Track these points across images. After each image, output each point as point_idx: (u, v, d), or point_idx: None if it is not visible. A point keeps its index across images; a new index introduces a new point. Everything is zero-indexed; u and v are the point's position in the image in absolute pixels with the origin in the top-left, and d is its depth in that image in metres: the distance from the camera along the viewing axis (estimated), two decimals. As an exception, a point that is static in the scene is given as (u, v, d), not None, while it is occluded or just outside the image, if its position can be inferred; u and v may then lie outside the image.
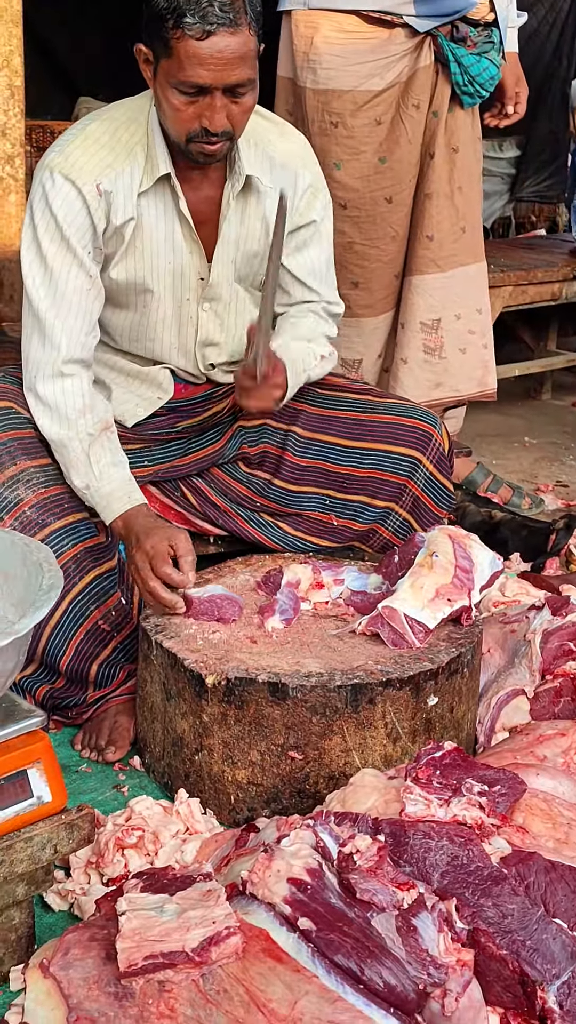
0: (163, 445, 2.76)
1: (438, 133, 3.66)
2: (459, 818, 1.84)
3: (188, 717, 2.28)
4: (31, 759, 1.78)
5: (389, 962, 1.61)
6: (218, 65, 2.23)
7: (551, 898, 1.78)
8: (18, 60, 4.27)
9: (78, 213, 2.41)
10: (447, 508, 2.92)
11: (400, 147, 3.63)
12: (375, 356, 3.85)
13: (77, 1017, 1.57)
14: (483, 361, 3.91)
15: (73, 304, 2.46)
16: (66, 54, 7.75)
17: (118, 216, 2.44)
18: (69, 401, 2.48)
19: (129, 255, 2.50)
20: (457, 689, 2.34)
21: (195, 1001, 1.58)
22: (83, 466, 2.47)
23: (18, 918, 1.85)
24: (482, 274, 3.89)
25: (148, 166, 2.43)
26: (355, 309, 3.76)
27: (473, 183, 3.80)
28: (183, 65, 2.24)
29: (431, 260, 3.74)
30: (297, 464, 2.81)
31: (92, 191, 2.40)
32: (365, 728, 2.22)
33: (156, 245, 2.50)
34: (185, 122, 2.32)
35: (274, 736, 2.21)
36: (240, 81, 2.27)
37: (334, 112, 3.59)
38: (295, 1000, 1.57)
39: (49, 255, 2.43)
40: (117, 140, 2.43)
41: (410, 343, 3.79)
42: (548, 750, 2.18)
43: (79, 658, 2.51)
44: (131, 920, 1.65)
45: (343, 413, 2.81)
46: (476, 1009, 1.64)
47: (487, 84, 3.68)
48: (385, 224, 3.70)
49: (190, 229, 2.51)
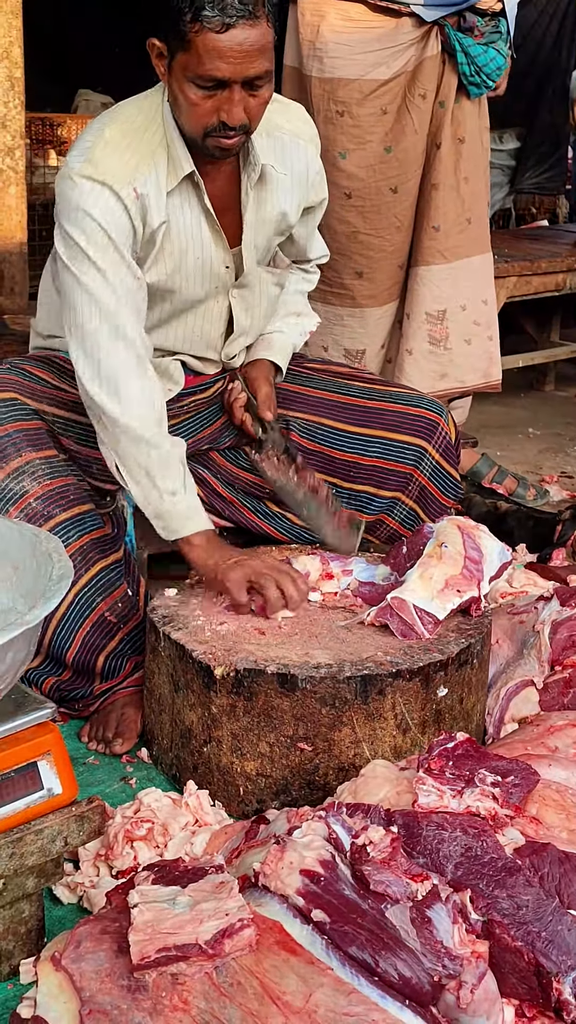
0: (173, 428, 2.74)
1: (445, 123, 3.64)
2: (472, 809, 1.83)
3: (196, 709, 2.27)
4: (41, 751, 1.77)
5: (404, 954, 1.60)
6: (237, 58, 2.20)
7: (566, 889, 1.77)
8: (18, 51, 4.25)
9: (119, 217, 2.35)
10: (454, 498, 2.90)
11: (406, 137, 3.61)
12: (378, 346, 3.84)
13: (90, 1010, 1.55)
14: (488, 352, 3.90)
15: (133, 303, 2.41)
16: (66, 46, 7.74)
17: (153, 219, 2.40)
18: (154, 405, 2.41)
19: (161, 257, 2.47)
20: (467, 680, 2.33)
21: (209, 994, 1.56)
22: (176, 470, 2.42)
23: (28, 911, 1.84)
24: (488, 265, 3.88)
25: (171, 166, 2.40)
26: (359, 299, 3.74)
27: (479, 174, 3.79)
28: (202, 59, 2.21)
29: (437, 251, 3.73)
30: (303, 447, 2.79)
31: (130, 194, 2.35)
32: (375, 719, 2.20)
33: (185, 243, 2.48)
34: (203, 116, 2.29)
35: (283, 727, 2.20)
36: (259, 73, 2.25)
37: (340, 101, 3.58)
38: (309, 992, 1.55)
39: (100, 261, 2.35)
40: (139, 143, 2.39)
41: (416, 334, 3.78)
42: (559, 741, 2.17)
43: (85, 650, 2.50)
44: (143, 913, 1.64)
45: (349, 399, 2.81)
46: (491, 1001, 1.63)
47: (494, 75, 3.67)
48: (390, 214, 3.68)
49: (214, 222, 2.49)
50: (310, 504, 2.70)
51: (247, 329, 2.71)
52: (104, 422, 2.40)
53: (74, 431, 2.57)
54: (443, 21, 3.55)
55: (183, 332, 2.62)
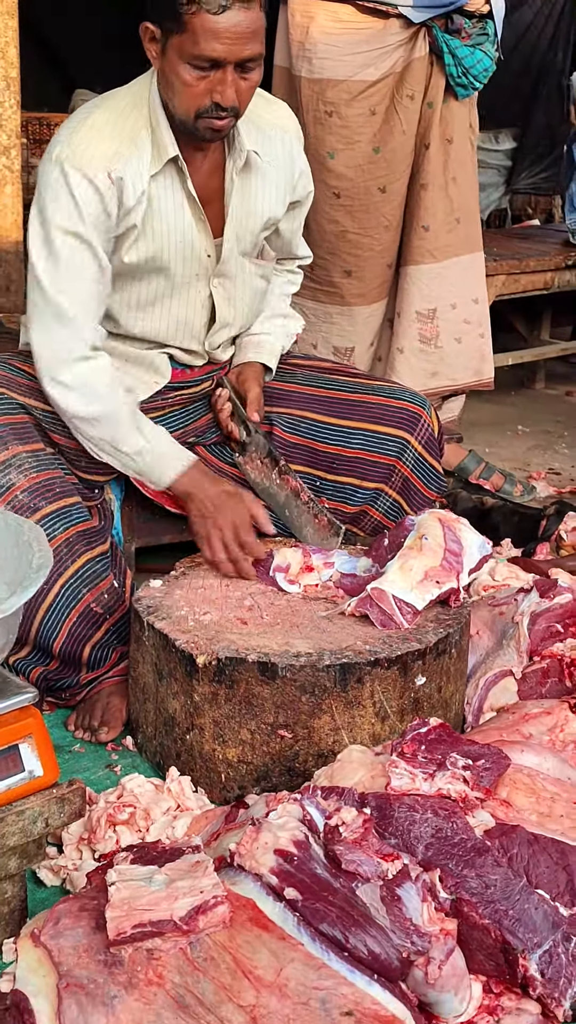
0: (159, 420, 2.78)
1: (433, 124, 3.69)
2: (443, 792, 1.88)
3: (179, 697, 2.31)
4: (23, 734, 1.81)
5: (373, 931, 1.64)
6: (232, 39, 2.28)
7: (534, 869, 1.82)
8: (13, 51, 4.28)
9: (91, 203, 2.42)
10: (437, 491, 2.94)
11: (394, 137, 3.66)
12: (367, 344, 3.88)
13: (67, 984, 1.60)
14: (479, 350, 3.94)
15: (91, 291, 2.48)
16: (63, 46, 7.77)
17: (130, 200, 2.46)
18: (100, 378, 2.51)
19: (142, 238, 2.52)
20: (445, 669, 2.37)
21: (183, 968, 1.61)
22: (130, 432, 2.53)
23: (11, 891, 1.88)
24: (478, 264, 3.92)
25: (155, 150, 2.46)
26: (348, 298, 3.79)
27: (468, 174, 3.83)
28: (198, 40, 2.28)
29: (426, 250, 3.78)
30: (286, 441, 2.83)
31: (104, 180, 2.42)
32: (354, 707, 2.25)
33: (167, 226, 2.53)
34: (196, 97, 2.36)
35: (264, 715, 2.24)
36: (252, 56, 2.33)
37: (328, 102, 3.62)
38: (281, 967, 1.60)
39: (63, 246, 2.43)
40: (122, 127, 2.45)
41: (406, 332, 3.82)
42: (534, 728, 2.22)
43: (72, 640, 2.54)
44: (120, 890, 1.68)
45: (332, 393, 2.85)
46: (459, 977, 1.68)
47: (481, 76, 3.71)
48: (378, 214, 3.72)
49: (197, 208, 2.55)
50: (291, 506, 2.76)
51: (230, 320, 2.75)
52: (60, 412, 2.54)
53: (62, 425, 2.61)
54: (431, 23, 3.59)
55: (166, 320, 2.67)
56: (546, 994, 1.70)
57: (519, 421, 5.18)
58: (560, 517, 3.51)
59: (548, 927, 1.73)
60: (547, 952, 1.72)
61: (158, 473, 2.58)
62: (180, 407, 2.83)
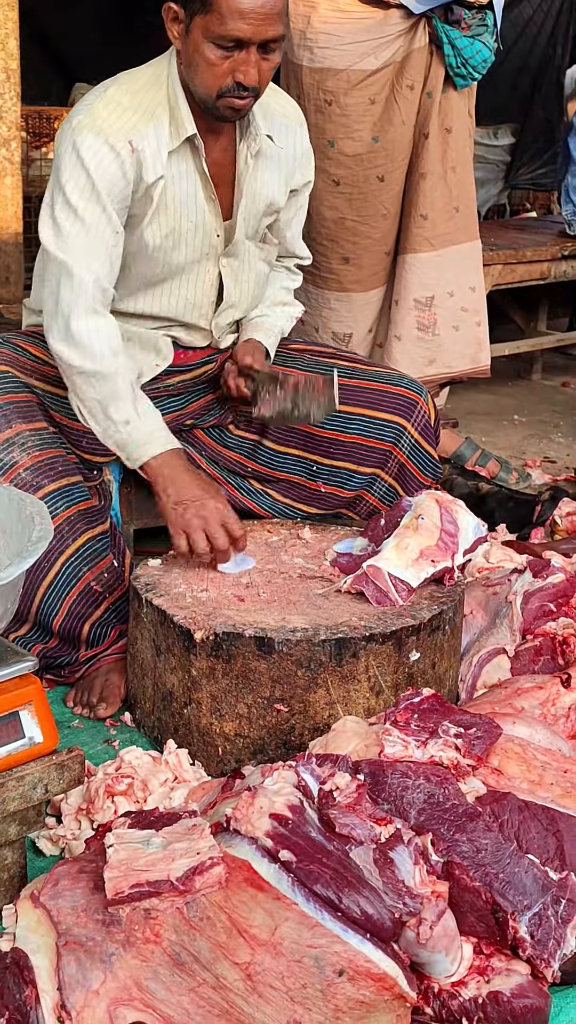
0: (159, 402, 2.81)
1: (432, 114, 3.72)
2: (436, 759, 1.91)
3: (177, 672, 2.35)
4: (23, 701, 1.84)
5: (366, 892, 1.68)
6: (257, 19, 2.33)
7: (524, 835, 1.85)
8: (13, 43, 4.31)
9: (110, 166, 2.44)
10: (432, 476, 2.98)
11: (393, 127, 3.69)
12: (365, 331, 3.91)
13: (66, 942, 1.63)
14: (476, 338, 3.97)
15: (101, 252, 2.49)
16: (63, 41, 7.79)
17: (149, 175, 2.49)
18: (104, 340, 2.49)
19: (157, 216, 2.55)
20: (439, 646, 2.41)
21: (179, 927, 1.64)
22: (127, 399, 2.50)
23: (10, 858, 1.92)
24: (476, 253, 3.95)
25: (173, 127, 2.50)
26: (345, 284, 3.83)
27: (466, 163, 3.86)
28: (224, 19, 2.33)
29: (424, 239, 3.81)
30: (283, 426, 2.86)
31: (126, 147, 2.45)
32: (349, 682, 2.28)
33: (181, 204, 2.57)
34: (219, 77, 2.40)
35: (260, 689, 2.28)
36: (276, 36, 2.38)
37: (328, 91, 3.66)
38: (275, 926, 1.63)
39: (79, 207, 2.45)
40: (139, 103, 2.49)
41: (404, 320, 3.85)
42: (526, 702, 2.25)
43: (72, 618, 2.57)
44: (118, 852, 1.71)
45: None
46: (450, 937, 1.71)
47: (480, 67, 3.74)
48: (376, 202, 3.76)
49: (210, 188, 2.58)
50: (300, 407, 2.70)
51: (236, 301, 2.78)
52: (62, 366, 2.52)
53: (64, 405, 2.65)
54: (431, 13, 3.62)
55: (175, 298, 2.70)
56: (535, 955, 1.74)
57: (515, 411, 5.21)
58: (554, 502, 3.55)
59: (538, 890, 1.77)
60: (536, 914, 1.75)
61: (139, 449, 2.52)
62: (179, 392, 2.86)
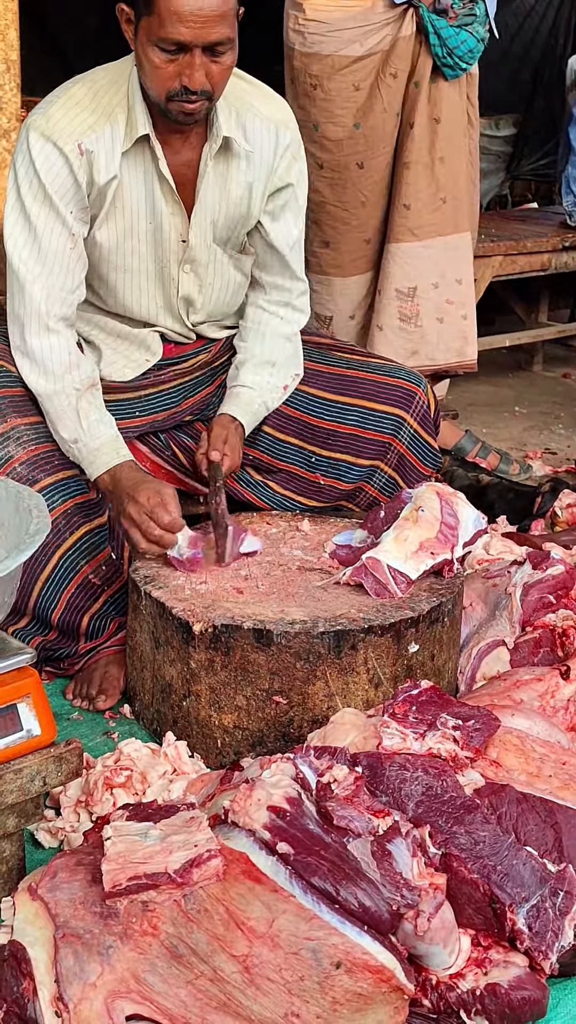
0: (155, 395, 2.81)
1: (419, 103, 3.72)
2: (434, 751, 1.91)
3: (176, 664, 2.35)
4: (21, 694, 1.84)
5: (364, 884, 1.67)
6: (198, 22, 2.29)
7: (522, 827, 1.85)
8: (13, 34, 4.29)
9: (60, 172, 2.45)
10: (433, 467, 2.97)
11: (375, 114, 3.71)
12: (346, 316, 3.94)
13: (64, 934, 1.63)
14: (462, 331, 3.96)
15: (56, 262, 2.51)
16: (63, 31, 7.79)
17: (100, 176, 2.48)
18: (56, 357, 2.53)
19: (111, 216, 2.54)
20: (438, 638, 2.40)
21: (177, 919, 1.64)
22: (71, 420, 2.53)
23: (9, 850, 1.91)
24: (465, 245, 3.93)
25: (128, 127, 2.48)
26: (325, 268, 3.87)
27: (459, 155, 3.84)
28: (164, 22, 2.29)
29: (407, 229, 3.81)
30: (282, 411, 2.85)
31: (74, 151, 2.44)
32: (347, 674, 2.28)
33: (137, 206, 2.55)
34: (165, 80, 2.37)
35: (259, 681, 2.28)
36: (219, 39, 2.33)
37: (313, 75, 3.70)
38: (273, 919, 1.63)
39: (32, 213, 2.48)
40: (98, 102, 2.48)
41: (386, 310, 3.86)
42: (525, 694, 2.25)
43: (70, 611, 2.58)
44: (116, 844, 1.71)
45: (329, 368, 2.87)
46: (448, 930, 1.71)
47: (466, 57, 3.73)
48: (355, 189, 3.78)
49: (171, 190, 2.55)
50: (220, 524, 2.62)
51: (201, 307, 2.76)
52: None
53: None
54: (418, 2, 3.63)
55: (147, 300, 2.69)
56: (533, 947, 1.74)
57: (516, 402, 5.21)
58: (555, 494, 3.54)
59: (536, 882, 1.77)
60: (534, 907, 1.75)
61: (89, 466, 2.54)
62: (175, 384, 2.84)
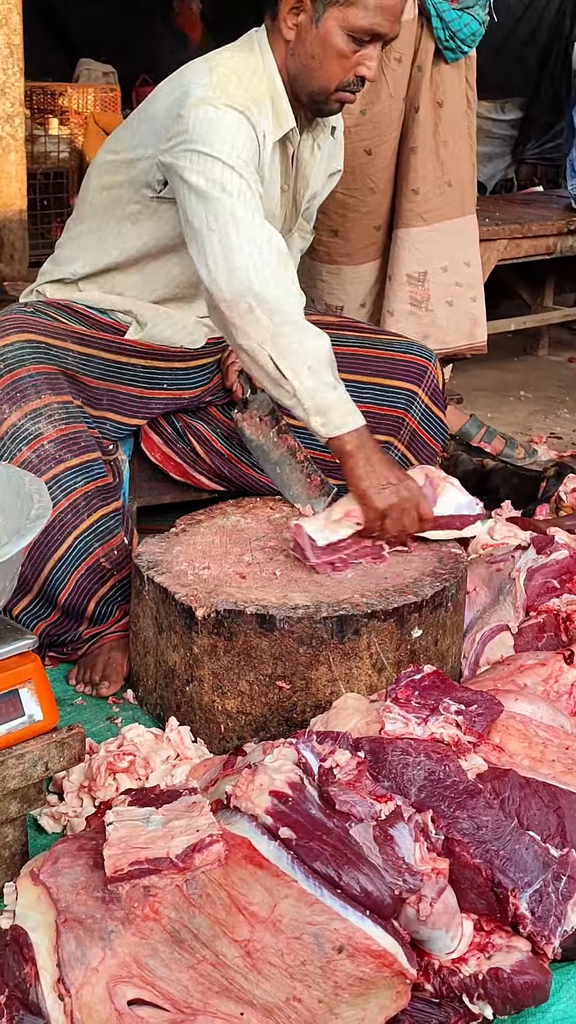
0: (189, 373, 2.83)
1: (422, 87, 3.71)
2: (436, 736, 1.90)
3: (179, 649, 2.34)
4: (23, 679, 1.84)
5: (366, 869, 1.67)
6: (393, 16, 2.38)
7: (525, 812, 1.84)
8: (16, 18, 4.29)
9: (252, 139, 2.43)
10: (441, 441, 2.99)
11: (381, 100, 3.68)
12: (357, 304, 3.92)
13: (66, 919, 1.63)
14: (471, 314, 3.95)
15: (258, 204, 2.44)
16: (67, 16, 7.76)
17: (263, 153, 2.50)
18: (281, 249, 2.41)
19: None
20: (441, 622, 2.40)
21: (179, 905, 1.64)
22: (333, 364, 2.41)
23: (12, 835, 1.92)
24: (471, 227, 3.93)
25: (276, 117, 2.50)
26: (335, 256, 3.85)
27: (460, 138, 3.83)
28: (367, 13, 2.35)
29: (416, 213, 3.80)
30: None
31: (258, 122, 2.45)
32: (351, 658, 2.28)
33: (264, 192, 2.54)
34: (345, 70, 2.42)
35: (262, 666, 2.27)
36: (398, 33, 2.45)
37: None
38: (275, 903, 1.63)
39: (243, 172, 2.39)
40: (248, 86, 2.48)
41: (396, 295, 3.85)
42: (528, 679, 2.24)
43: (78, 593, 2.57)
44: (118, 829, 1.71)
45: (340, 348, 2.86)
46: (450, 914, 1.71)
47: (468, 40, 3.72)
48: (364, 176, 3.76)
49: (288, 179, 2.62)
50: (284, 464, 2.74)
51: None
52: (257, 314, 2.36)
53: (97, 367, 2.67)
54: (420, -14, 3.62)
55: None
56: (536, 932, 1.73)
57: (521, 387, 5.20)
58: (560, 479, 3.53)
59: (538, 867, 1.76)
60: (537, 891, 1.75)
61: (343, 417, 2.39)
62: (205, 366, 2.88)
